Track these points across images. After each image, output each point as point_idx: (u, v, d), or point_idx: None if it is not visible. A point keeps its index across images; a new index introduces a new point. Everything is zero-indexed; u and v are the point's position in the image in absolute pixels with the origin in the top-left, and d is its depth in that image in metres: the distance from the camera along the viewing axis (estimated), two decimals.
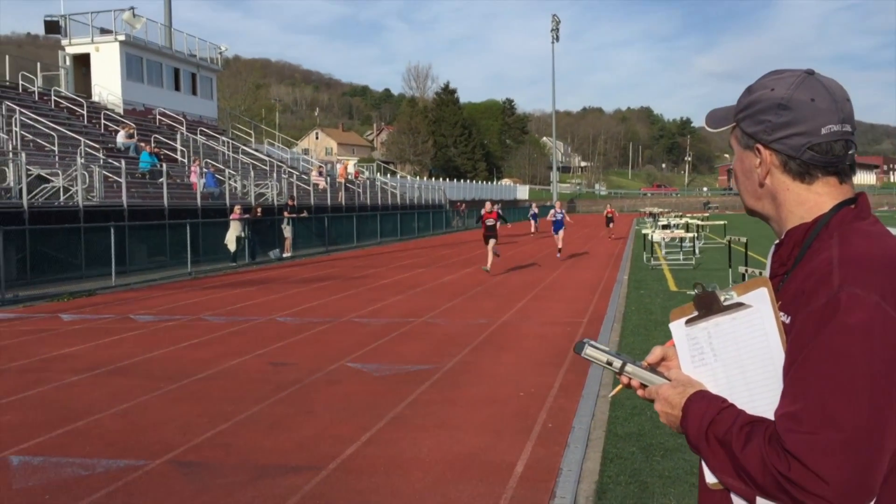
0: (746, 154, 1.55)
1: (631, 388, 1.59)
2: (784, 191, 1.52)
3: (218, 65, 44.39)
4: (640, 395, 1.59)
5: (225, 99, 69.23)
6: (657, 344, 1.61)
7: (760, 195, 1.56)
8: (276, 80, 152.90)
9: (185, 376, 8.35)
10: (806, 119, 1.46)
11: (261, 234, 25.76)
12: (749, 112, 1.52)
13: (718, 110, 1.62)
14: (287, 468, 5.40)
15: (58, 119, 27.95)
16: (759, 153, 1.51)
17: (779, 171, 1.51)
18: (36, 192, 20.08)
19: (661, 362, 1.60)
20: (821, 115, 1.45)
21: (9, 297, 15.02)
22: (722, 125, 1.59)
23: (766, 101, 1.49)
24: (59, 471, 5.41)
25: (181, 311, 13.52)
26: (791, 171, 1.50)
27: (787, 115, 1.47)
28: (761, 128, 1.50)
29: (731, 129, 1.59)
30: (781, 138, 1.48)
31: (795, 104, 1.47)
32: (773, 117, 1.48)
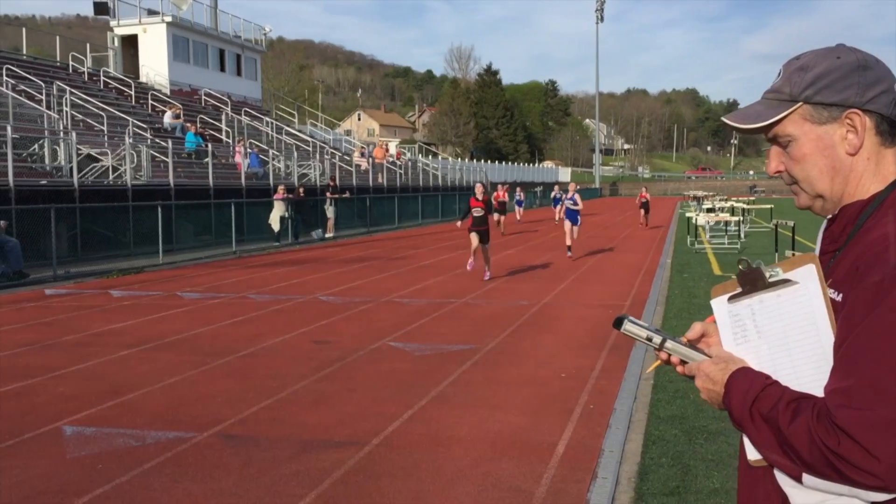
0: (826, 129, 1.49)
1: (670, 364, 1.59)
2: (863, 160, 1.47)
3: (262, 46, 44.73)
4: (680, 372, 1.59)
5: (269, 80, 69.75)
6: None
7: (838, 170, 1.49)
8: (319, 61, 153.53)
9: (230, 352, 8.51)
10: (885, 76, 1.45)
11: (304, 215, 25.99)
12: (825, 82, 1.47)
13: (750, 107, 1.57)
14: (330, 443, 5.49)
15: (106, 99, 28.43)
16: (851, 120, 1.46)
17: (871, 134, 1.47)
18: (86, 171, 20.49)
19: (700, 339, 1.59)
20: (891, 73, 1.46)
21: (61, 273, 15.40)
22: (772, 115, 1.50)
23: (844, 67, 1.46)
24: (111, 441, 5.57)
25: (226, 289, 13.74)
26: (882, 133, 1.47)
27: (871, 74, 1.45)
28: (852, 91, 1.45)
29: (782, 118, 1.52)
30: (874, 98, 1.44)
31: (871, 63, 1.46)
32: (859, 78, 1.45)
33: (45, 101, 23.69)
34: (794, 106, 1.50)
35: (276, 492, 4.63)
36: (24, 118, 21.71)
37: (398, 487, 4.69)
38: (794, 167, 1.54)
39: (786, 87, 1.51)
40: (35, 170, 19.29)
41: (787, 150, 1.54)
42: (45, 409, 6.35)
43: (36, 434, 5.73)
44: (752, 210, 32.84)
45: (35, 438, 5.64)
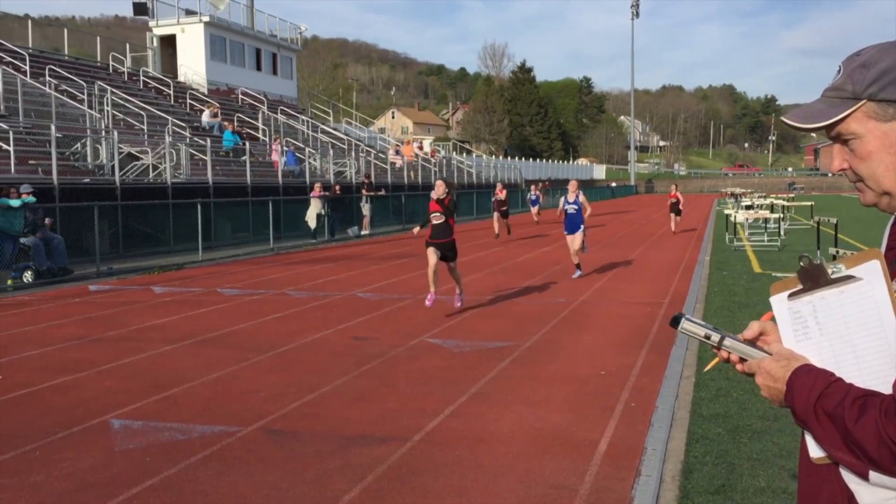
0: (892, 126, 1.47)
1: (729, 362, 1.58)
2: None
3: (298, 45, 45.04)
4: (740, 370, 1.57)
5: (304, 78, 70.22)
6: (741, 324, 1.59)
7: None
8: (354, 59, 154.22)
9: (271, 348, 8.60)
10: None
11: (340, 212, 26.15)
12: (889, 79, 1.45)
13: (810, 105, 1.55)
14: (372, 439, 5.52)
15: (146, 98, 28.85)
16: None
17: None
18: (127, 169, 20.82)
19: (758, 337, 1.58)
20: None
21: (104, 269, 15.68)
22: (835, 113, 1.48)
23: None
24: (157, 435, 5.66)
25: (265, 286, 13.88)
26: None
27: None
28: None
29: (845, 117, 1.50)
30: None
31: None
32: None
33: (86, 100, 24.11)
34: (857, 104, 1.47)
35: (321, 486, 4.67)
36: (66, 117, 22.12)
37: (441, 483, 4.71)
38: (858, 165, 1.52)
39: (847, 84, 1.49)
40: (78, 168, 19.65)
41: (850, 148, 1.52)
42: (92, 403, 6.48)
43: (85, 427, 5.85)
44: (792, 207, 32.38)
45: (84, 431, 5.75)
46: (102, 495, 4.55)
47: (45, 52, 31.86)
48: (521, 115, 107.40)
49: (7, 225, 13.90)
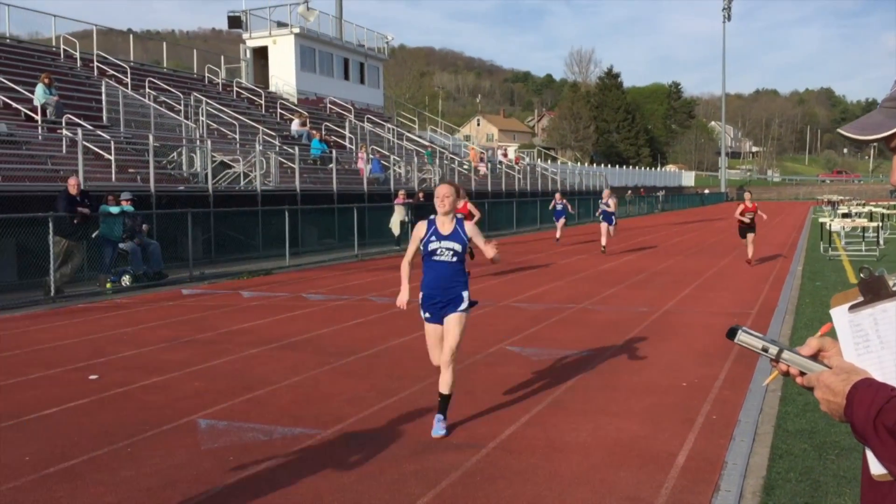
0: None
1: (789, 375, 1.55)
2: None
3: (385, 54, 45.73)
4: (799, 383, 1.55)
5: (391, 87, 71.21)
6: (834, 338, 1.56)
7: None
8: (440, 67, 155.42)
9: (352, 353, 8.76)
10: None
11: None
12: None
13: (869, 117, 1.51)
14: (448, 445, 5.56)
15: (239, 108, 29.80)
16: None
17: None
18: (219, 177, 21.55)
19: (817, 354, 1.55)
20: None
21: (196, 274, 16.26)
22: (893, 125, 1.44)
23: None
24: (241, 435, 5.84)
25: (349, 292, 14.13)
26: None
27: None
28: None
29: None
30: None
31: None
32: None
33: (183, 111, 25.08)
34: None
35: (396, 490, 4.74)
36: (164, 127, 23.05)
37: (515, 491, 4.71)
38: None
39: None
40: (174, 176, 20.45)
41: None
42: (181, 403, 6.73)
43: (173, 426, 6.08)
44: (893, 216, 30.98)
45: (173, 430, 5.99)
46: (188, 492, 4.73)
47: (146, 64, 33.31)
48: (607, 122, 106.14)
49: (107, 231, 14.58)
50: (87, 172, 16.72)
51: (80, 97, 23.12)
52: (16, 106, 19.82)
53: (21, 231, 13.88)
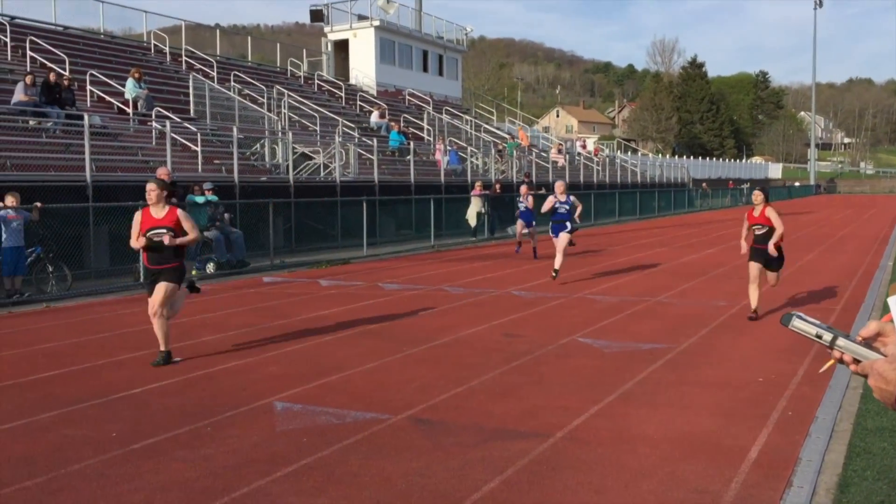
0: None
1: (843, 363, 1.55)
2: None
3: (464, 46, 45.81)
4: (853, 370, 1.54)
5: (469, 79, 71.25)
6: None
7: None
8: (519, 58, 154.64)
9: (425, 341, 8.88)
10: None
11: (500, 211, 26.38)
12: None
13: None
14: (515, 433, 5.61)
15: (319, 101, 30.35)
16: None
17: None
18: (300, 168, 22.02)
19: (876, 337, 1.53)
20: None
21: (277, 262, 16.69)
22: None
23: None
24: (315, 418, 6.01)
25: (424, 282, 14.29)
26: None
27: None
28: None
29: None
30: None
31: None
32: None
33: (266, 103, 25.69)
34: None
35: (463, 475, 4.81)
36: (247, 119, 23.67)
37: (580, 480, 4.72)
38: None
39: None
40: (256, 167, 21.01)
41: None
42: (259, 386, 6.96)
43: (251, 408, 6.30)
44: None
45: (250, 411, 6.20)
46: (263, 470, 4.91)
47: (231, 58, 34.21)
48: (690, 112, 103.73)
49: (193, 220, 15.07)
50: (175, 163, 17.32)
51: (169, 90, 23.94)
52: (109, 99, 20.67)
53: (113, 219, 14.50)
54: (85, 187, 14.90)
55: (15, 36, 21.84)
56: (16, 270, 12.20)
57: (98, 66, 22.40)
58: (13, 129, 16.49)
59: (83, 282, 13.55)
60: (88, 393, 6.76)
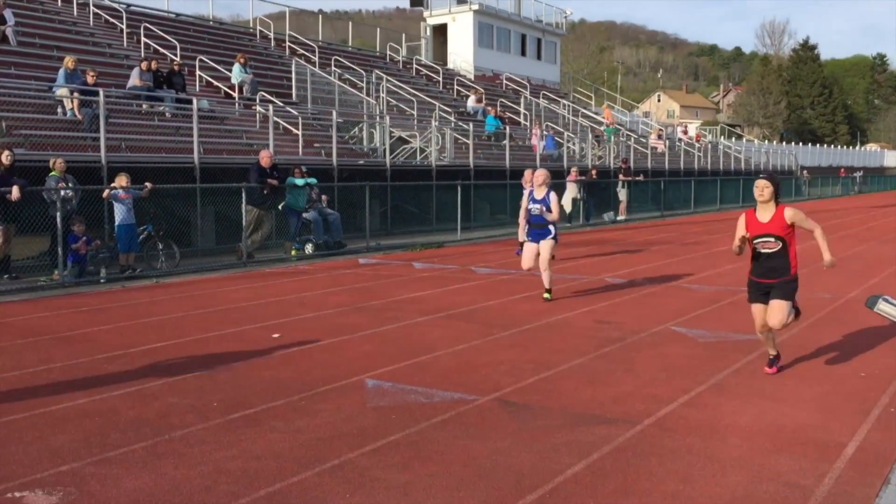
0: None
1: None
2: None
3: (563, 29, 45.27)
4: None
5: (568, 63, 70.42)
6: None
7: None
8: (620, 41, 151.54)
9: (515, 325, 8.92)
10: None
11: (596, 197, 26.08)
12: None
13: None
14: (602, 419, 5.60)
15: (417, 85, 30.61)
16: None
17: None
18: (397, 152, 22.32)
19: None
20: None
21: (372, 244, 17.02)
22: None
23: None
24: (404, 396, 6.15)
25: (516, 266, 14.28)
26: None
27: None
28: None
29: None
30: None
31: None
32: None
33: (364, 88, 26.12)
34: None
35: (548, 458, 4.85)
36: (346, 104, 24.14)
37: (667, 468, 4.69)
38: None
39: None
40: (354, 151, 21.42)
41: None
42: (352, 364, 7.16)
43: (344, 384, 6.50)
44: None
45: (343, 387, 6.40)
46: (353, 444, 5.08)
47: (332, 44, 34.88)
48: (800, 97, 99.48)
49: (293, 201, 15.54)
50: (277, 146, 17.85)
51: (273, 75, 24.63)
52: (216, 84, 21.44)
53: (219, 200, 15.11)
54: (193, 169, 15.54)
55: (130, 23, 22.88)
56: (130, 247, 12.87)
57: (207, 51, 23.25)
58: (128, 112, 17.34)
59: (190, 259, 14.17)
60: (192, 364, 7.11)
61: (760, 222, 6.55)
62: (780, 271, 6.67)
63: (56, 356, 7.41)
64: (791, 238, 6.54)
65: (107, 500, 4.21)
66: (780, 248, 6.55)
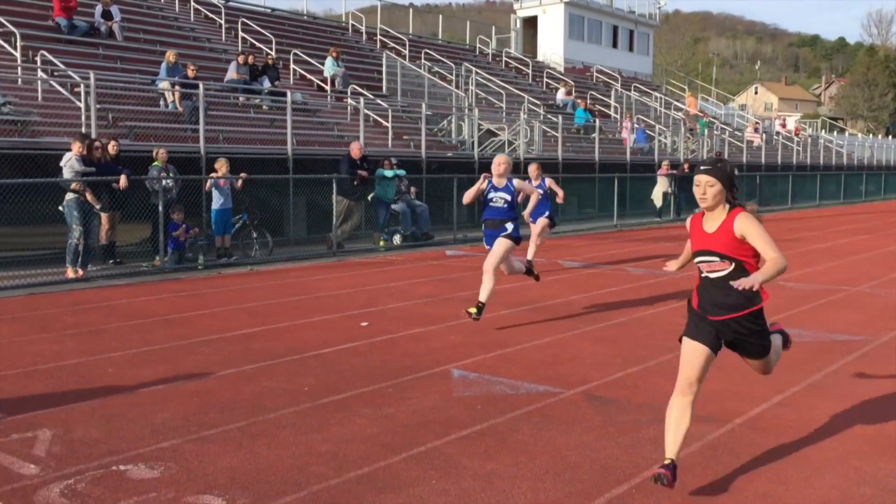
0: None
1: None
2: None
3: (656, 20, 44.37)
4: None
5: (661, 54, 68.98)
6: None
7: None
8: (716, 32, 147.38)
9: (602, 320, 8.84)
10: None
11: (687, 191, 25.48)
12: None
13: None
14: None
15: (506, 78, 30.55)
16: None
17: None
18: (485, 144, 22.34)
19: None
20: None
21: (459, 236, 17.12)
22: None
23: None
24: (490, 387, 6.19)
25: (604, 261, 14.15)
26: None
27: None
28: None
29: None
30: None
31: None
32: None
33: (454, 80, 26.21)
34: None
35: (634, 453, 4.81)
36: (436, 97, 24.29)
37: (758, 468, 4.58)
38: None
39: None
40: (443, 143, 21.54)
41: None
42: (438, 353, 7.25)
43: (430, 373, 6.58)
44: None
45: (429, 376, 6.48)
46: (439, 432, 5.15)
47: (423, 37, 35.12)
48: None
49: (382, 193, 15.77)
50: (367, 138, 18.14)
51: (364, 68, 24.99)
52: (309, 77, 21.90)
53: (310, 191, 15.47)
54: (286, 160, 15.95)
55: (229, 18, 23.59)
56: (224, 230, 13.35)
57: (301, 45, 23.77)
58: (225, 104, 17.91)
59: (282, 248, 14.57)
60: (284, 349, 7.32)
61: (705, 233, 4.35)
62: (732, 307, 4.28)
63: (157, 338, 7.75)
64: (748, 256, 4.28)
65: (205, 476, 4.40)
66: (732, 272, 4.26)
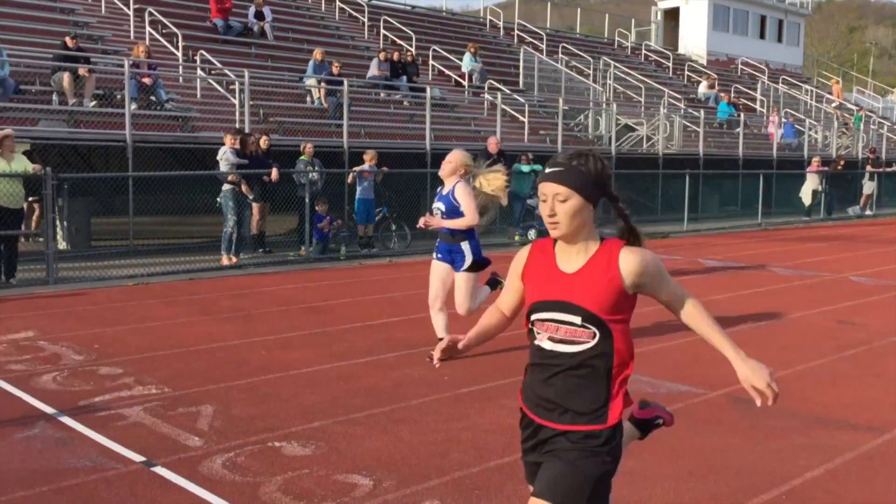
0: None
1: None
2: None
3: (807, 9, 42.19)
4: None
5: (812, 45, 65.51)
6: None
7: None
8: (875, 21, 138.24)
9: (747, 321, 8.55)
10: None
11: (839, 189, 24.18)
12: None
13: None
14: (845, 424, 5.26)
15: (646, 71, 29.87)
16: None
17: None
18: (623, 139, 21.97)
19: None
20: None
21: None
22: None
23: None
24: (630, 385, 6.10)
25: (747, 260, 13.64)
26: None
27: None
28: None
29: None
30: None
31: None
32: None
33: (591, 74, 25.91)
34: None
35: (783, 458, 4.65)
36: (573, 91, 24.10)
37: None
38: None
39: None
40: (580, 138, 21.35)
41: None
42: None
43: None
44: None
45: None
46: None
47: (560, 31, 34.87)
48: None
49: (518, 188, 15.79)
50: (503, 133, 18.21)
51: (501, 64, 25.08)
52: (448, 73, 22.21)
53: None
54: (424, 154, 16.26)
55: (371, 16, 24.23)
56: (367, 219, 13.82)
57: (439, 41, 24.13)
58: (367, 100, 18.44)
59: (420, 241, 14.85)
60: (423, 338, 7.50)
61: (561, 273, 2.65)
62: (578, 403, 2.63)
63: (304, 324, 8.12)
64: (618, 323, 2.67)
65: (353, 456, 4.59)
66: (591, 349, 2.62)
